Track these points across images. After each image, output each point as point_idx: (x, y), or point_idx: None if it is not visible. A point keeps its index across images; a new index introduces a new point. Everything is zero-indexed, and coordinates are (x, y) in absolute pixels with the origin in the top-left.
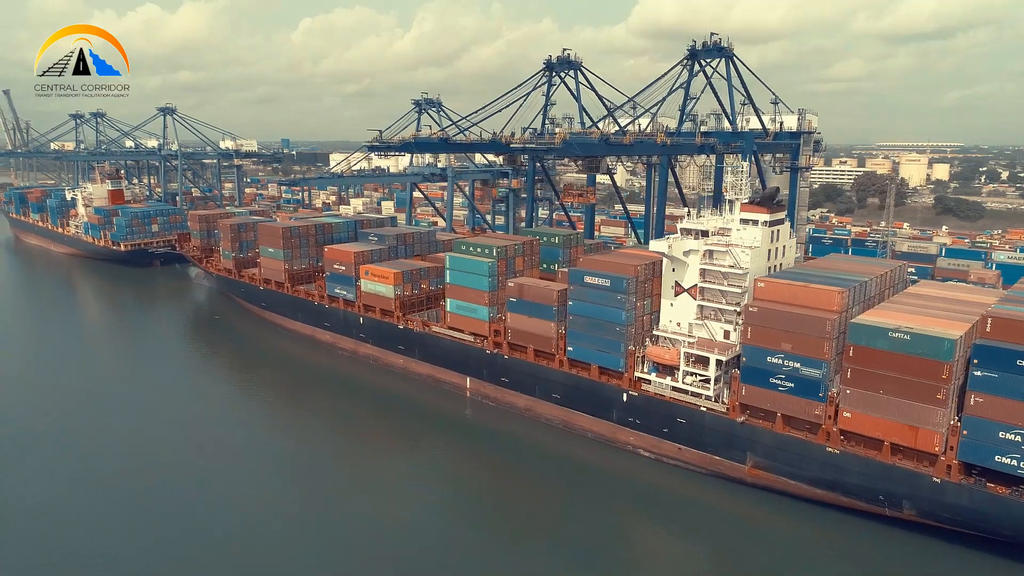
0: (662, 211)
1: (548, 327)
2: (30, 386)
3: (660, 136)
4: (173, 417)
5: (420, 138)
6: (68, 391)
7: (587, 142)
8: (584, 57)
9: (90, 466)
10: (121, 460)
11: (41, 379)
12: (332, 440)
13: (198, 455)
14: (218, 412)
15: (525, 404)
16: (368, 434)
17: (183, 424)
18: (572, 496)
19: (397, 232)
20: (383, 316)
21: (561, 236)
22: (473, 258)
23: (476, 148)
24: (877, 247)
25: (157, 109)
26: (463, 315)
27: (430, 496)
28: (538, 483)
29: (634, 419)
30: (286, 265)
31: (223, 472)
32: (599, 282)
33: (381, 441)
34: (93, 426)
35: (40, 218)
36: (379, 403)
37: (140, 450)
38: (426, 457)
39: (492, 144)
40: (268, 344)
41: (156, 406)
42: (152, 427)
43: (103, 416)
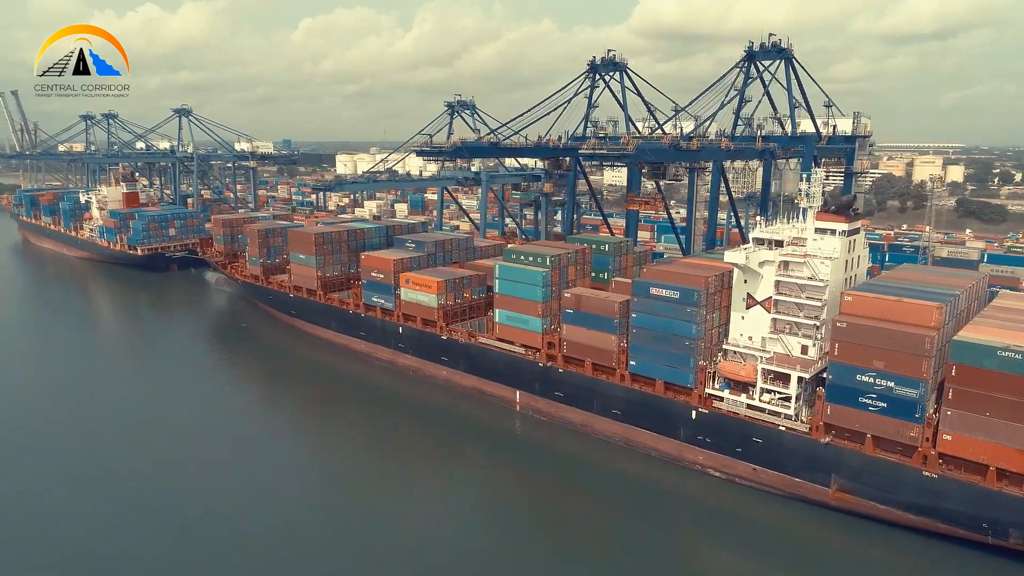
0: (714, 217)
1: (608, 340)
2: (47, 394)
3: (724, 142)
4: (199, 427)
5: (470, 142)
6: (86, 400)
7: (658, 148)
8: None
9: (110, 478)
10: (144, 472)
11: (59, 387)
12: (368, 451)
13: (226, 465)
14: (247, 422)
15: (581, 419)
16: (407, 446)
17: (210, 434)
18: (633, 515)
19: (436, 239)
20: (424, 326)
21: (611, 244)
22: (526, 267)
23: (528, 153)
24: (918, 253)
25: (172, 110)
26: (513, 326)
27: (474, 512)
28: (595, 501)
29: (704, 437)
30: (318, 272)
31: (253, 483)
32: (667, 294)
33: (421, 454)
34: (113, 437)
35: (52, 221)
36: (419, 415)
37: (164, 461)
38: (470, 471)
39: (543, 149)
40: (299, 353)
41: (180, 416)
42: (177, 437)
43: (124, 427)
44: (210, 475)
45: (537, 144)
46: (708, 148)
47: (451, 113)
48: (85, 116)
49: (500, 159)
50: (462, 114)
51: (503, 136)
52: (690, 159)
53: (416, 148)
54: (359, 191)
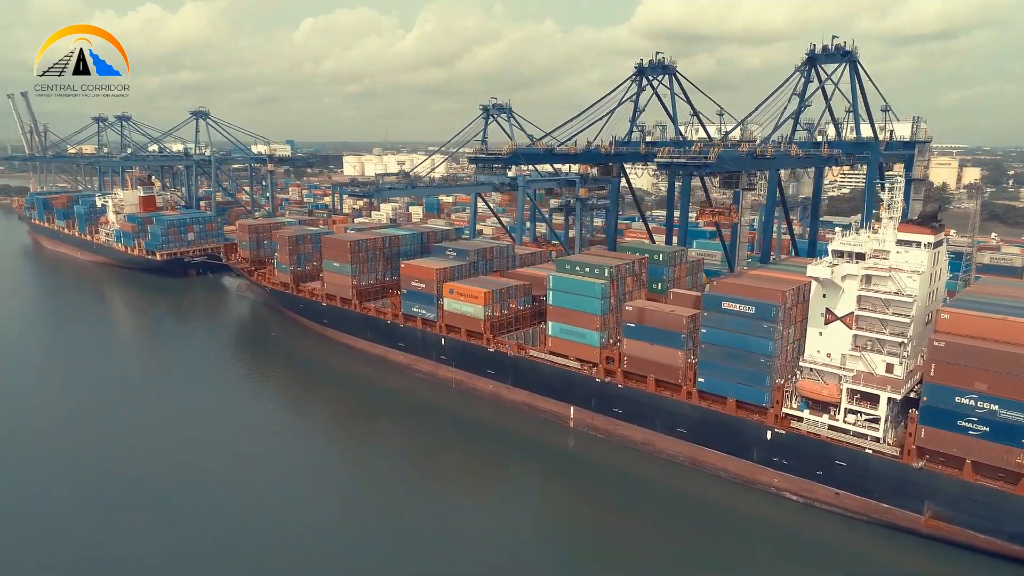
0: (770, 226)
1: (674, 356)
2: (72, 403)
3: (793, 148)
4: (229, 440)
5: (525, 149)
6: (112, 412)
7: (737, 156)
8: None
9: (135, 491)
10: (171, 486)
11: (84, 396)
12: (408, 466)
13: (258, 480)
14: (278, 435)
15: (642, 438)
16: (449, 461)
17: (241, 448)
18: (702, 539)
19: (477, 247)
20: (469, 338)
21: (665, 253)
22: (583, 279)
23: (580, 159)
24: (961, 261)
25: (190, 113)
26: (568, 339)
27: (523, 532)
28: (658, 522)
29: (780, 459)
30: (353, 281)
31: (286, 499)
32: (741, 308)
33: (465, 470)
34: (141, 449)
35: (66, 225)
36: (463, 429)
37: (193, 475)
38: (518, 489)
39: (595, 155)
40: (333, 364)
41: (209, 427)
42: (207, 450)
43: (151, 437)
44: (242, 491)
45: (586, 150)
46: (781, 156)
47: (486, 117)
48: (98, 118)
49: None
50: (497, 117)
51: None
52: (766, 167)
53: (471, 156)
54: (400, 196)
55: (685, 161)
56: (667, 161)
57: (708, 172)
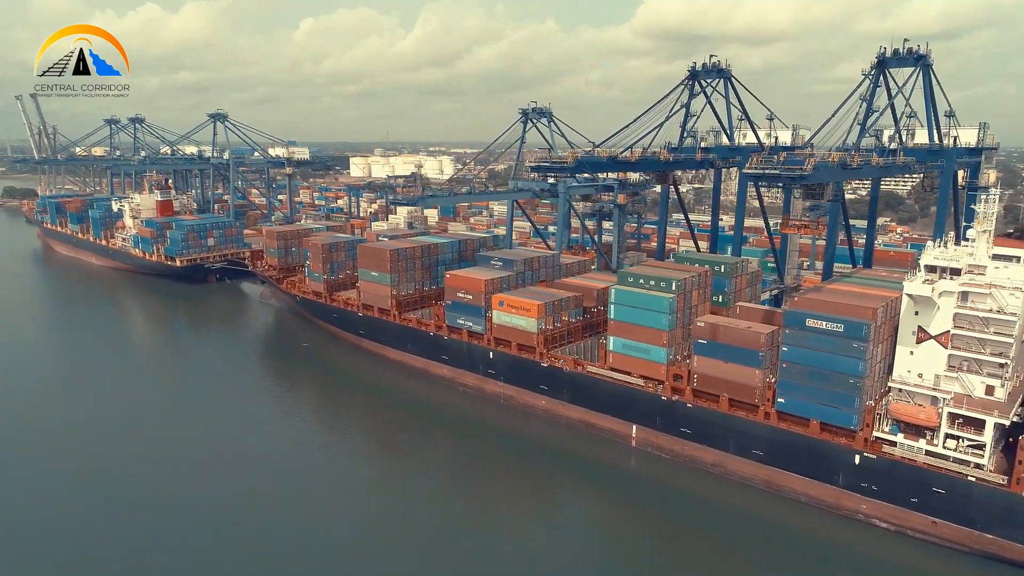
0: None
1: (751, 374)
2: (99, 415)
3: (874, 158)
4: (266, 456)
5: (588, 157)
6: (138, 425)
7: (829, 167)
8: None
9: (167, 513)
10: (203, 503)
11: (111, 408)
12: (454, 482)
13: (296, 498)
14: (318, 451)
15: (713, 459)
16: (498, 479)
17: (279, 464)
18: (780, 564)
19: (523, 256)
20: (521, 352)
21: (727, 264)
22: (649, 292)
23: (641, 166)
24: None
25: (208, 115)
26: (631, 355)
27: (581, 555)
28: (733, 546)
29: (869, 485)
30: (393, 291)
31: (325, 516)
32: (828, 326)
33: (516, 486)
34: (170, 468)
35: (80, 229)
36: (512, 446)
37: (231, 491)
38: (575, 507)
39: (655, 162)
40: (371, 376)
41: (243, 444)
42: (242, 466)
43: (182, 457)
44: (280, 509)
45: (643, 157)
46: (867, 166)
47: (524, 121)
48: (110, 120)
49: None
50: (536, 122)
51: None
52: (855, 177)
53: (533, 164)
54: (443, 204)
55: (779, 173)
56: (758, 173)
57: (804, 184)
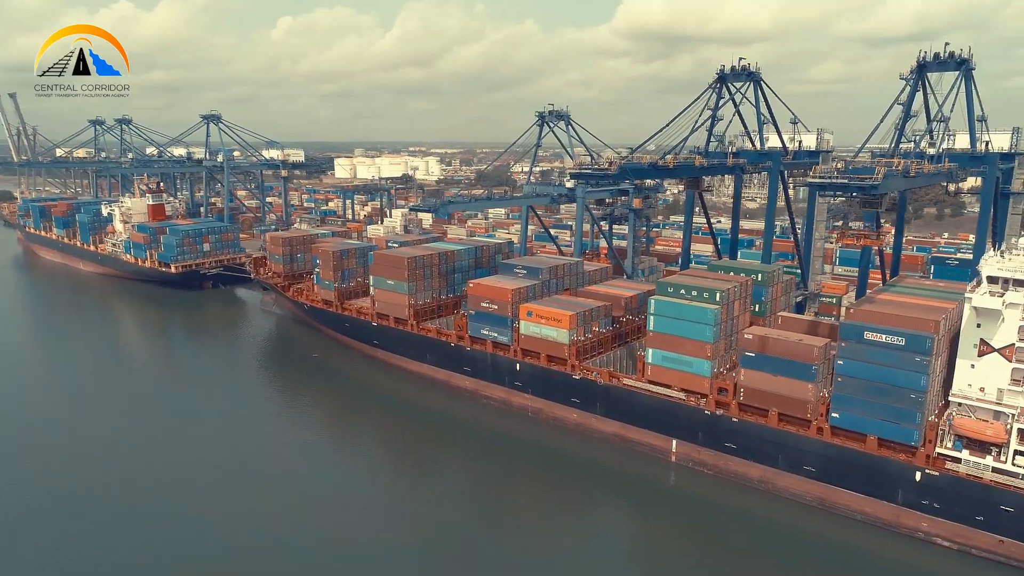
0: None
1: (803, 388)
2: (95, 431)
3: (927, 166)
4: (280, 470)
5: (631, 163)
6: (139, 444)
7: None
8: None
9: (176, 536)
10: (213, 522)
11: (110, 422)
12: (481, 497)
13: (314, 508)
14: (334, 464)
15: (760, 475)
16: (526, 493)
17: (293, 477)
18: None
19: (548, 264)
20: (550, 363)
21: (764, 273)
22: (692, 303)
23: (681, 173)
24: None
25: (201, 117)
26: (672, 368)
27: (618, 565)
28: (785, 564)
29: (931, 502)
30: (410, 299)
31: (348, 530)
32: (888, 339)
33: (545, 501)
34: (178, 482)
35: (67, 234)
36: (541, 460)
37: (243, 509)
38: (610, 522)
39: (694, 167)
40: (388, 388)
41: (255, 459)
42: (257, 483)
43: (188, 469)
44: (301, 522)
45: (679, 163)
46: (921, 174)
47: (540, 125)
48: (95, 121)
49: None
50: (554, 126)
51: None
52: (914, 185)
53: (573, 171)
54: (464, 210)
55: (847, 182)
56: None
57: (874, 193)
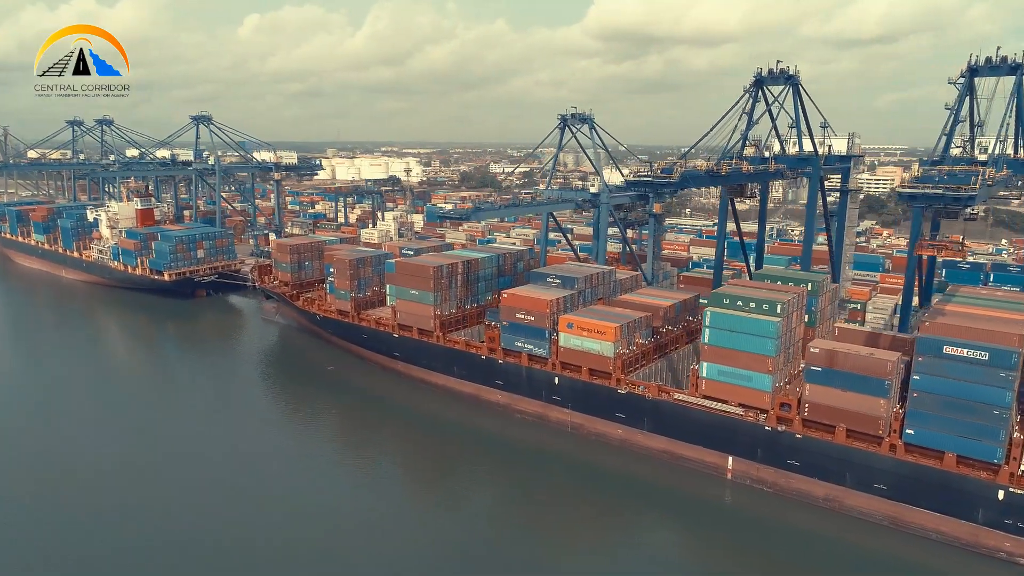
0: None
1: (874, 404)
2: (96, 449)
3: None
4: (304, 492)
5: (690, 171)
6: (142, 464)
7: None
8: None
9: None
10: (226, 549)
11: (112, 440)
12: (516, 514)
13: (341, 530)
14: (362, 483)
15: (825, 493)
16: (568, 511)
17: (317, 498)
18: None
19: (582, 273)
20: (592, 377)
21: (815, 282)
22: (752, 316)
23: (732, 179)
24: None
25: (190, 118)
26: (730, 383)
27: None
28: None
29: (1014, 522)
30: (436, 310)
31: (378, 546)
32: (970, 354)
33: (587, 519)
34: (187, 502)
35: (46, 240)
36: (581, 477)
37: (267, 535)
38: (659, 541)
39: (746, 173)
40: (413, 403)
41: (275, 482)
42: (278, 507)
43: (197, 491)
44: (327, 545)
45: (732, 169)
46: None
47: (562, 127)
48: (73, 122)
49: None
50: (576, 129)
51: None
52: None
53: (630, 180)
54: (492, 217)
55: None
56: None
57: (971, 204)
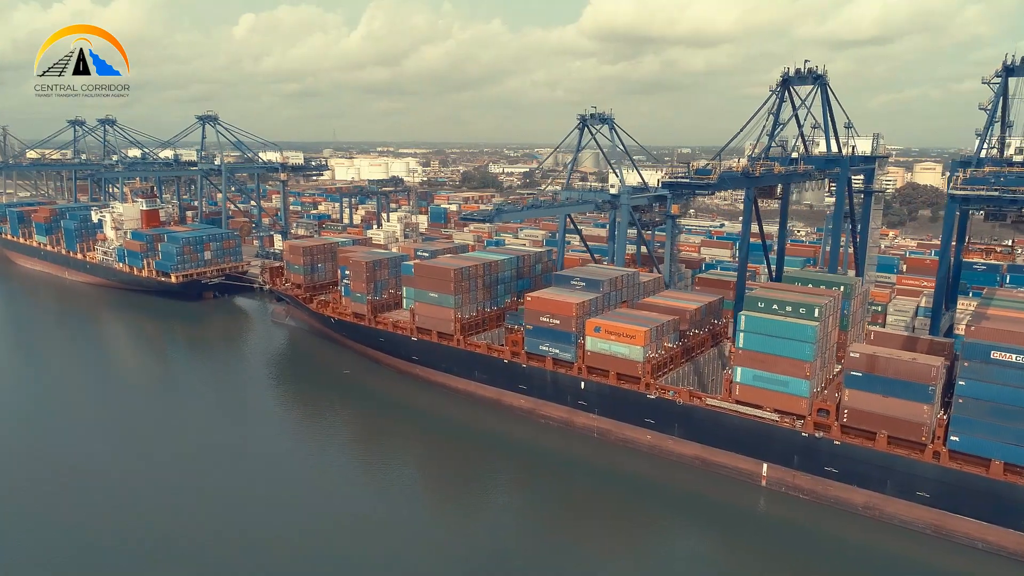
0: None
1: (917, 410)
2: (112, 455)
3: None
4: (325, 501)
5: (728, 173)
6: (155, 475)
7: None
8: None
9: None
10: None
11: (129, 444)
12: (541, 520)
13: (361, 539)
14: (383, 490)
15: (865, 501)
16: (595, 517)
17: (339, 507)
18: None
19: (607, 276)
20: (620, 382)
21: (847, 285)
22: (790, 320)
23: (764, 181)
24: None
25: (196, 118)
26: (765, 388)
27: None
28: None
29: None
30: (457, 314)
31: (400, 557)
32: (1020, 360)
33: (613, 525)
34: (189, 524)
35: (49, 241)
36: (608, 483)
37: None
38: (691, 551)
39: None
40: (432, 407)
41: (290, 490)
42: (300, 516)
43: (203, 506)
44: (338, 562)
45: (765, 171)
46: None
47: (581, 128)
48: (74, 122)
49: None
50: (595, 129)
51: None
52: None
53: (669, 181)
54: (514, 218)
55: (999, 194)
56: (970, 195)
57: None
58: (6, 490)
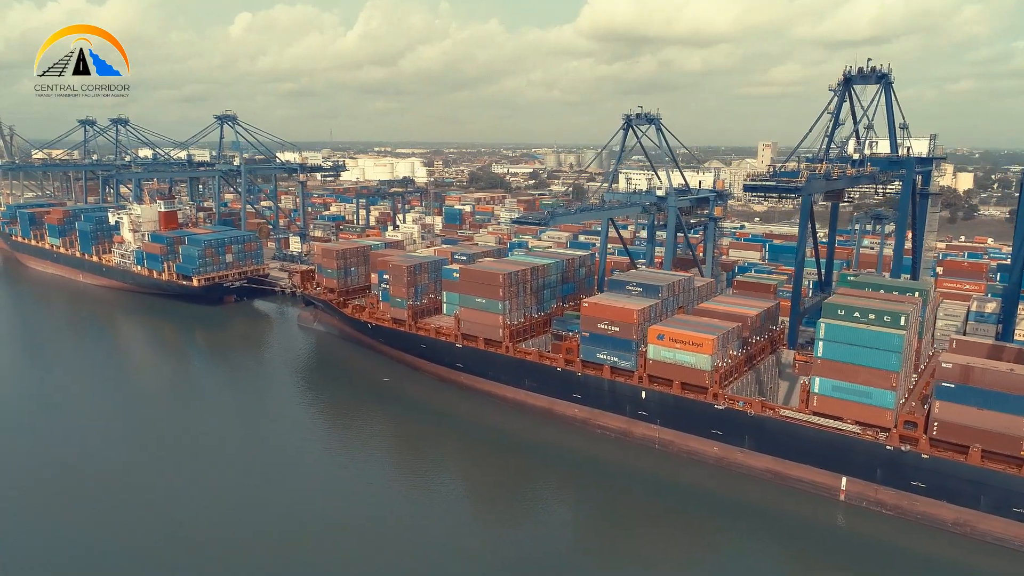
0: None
1: (1016, 424)
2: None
3: None
4: (363, 522)
5: (815, 175)
6: (186, 486)
7: None
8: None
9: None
10: None
11: (158, 457)
12: (598, 535)
13: (412, 544)
14: (428, 502)
15: (955, 517)
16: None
17: (384, 519)
18: None
19: (665, 281)
20: (684, 391)
21: (922, 290)
22: (874, 328)
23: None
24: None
25: (215, 117)
26: (846, 399)
27: None
28: None
29: None
30: (506, 320)
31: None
32: None
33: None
34: (222, 539)
35: (62, 243)
36: (672, 497)
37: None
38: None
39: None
40: (479, 417)
41: (334, 506)
42: (318, 529)
43: (235, 517)
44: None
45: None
46: None
47: (626, 128)
48: (85, 121)
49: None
50: (641, 130)
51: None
52: None
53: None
54: (567, 221)
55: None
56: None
57: None
58: (24, 493)
